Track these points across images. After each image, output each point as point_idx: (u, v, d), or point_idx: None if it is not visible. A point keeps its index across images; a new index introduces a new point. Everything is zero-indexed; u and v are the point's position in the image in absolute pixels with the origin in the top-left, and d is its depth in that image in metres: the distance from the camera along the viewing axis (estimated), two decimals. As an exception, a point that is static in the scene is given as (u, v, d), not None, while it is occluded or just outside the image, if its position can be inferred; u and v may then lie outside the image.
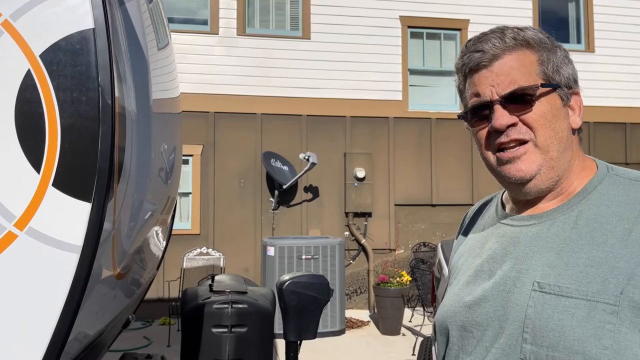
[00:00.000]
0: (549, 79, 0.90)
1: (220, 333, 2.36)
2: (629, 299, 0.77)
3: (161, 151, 1.97)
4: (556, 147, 0.89)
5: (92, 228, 1.15)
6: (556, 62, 0.92)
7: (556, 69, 0.91)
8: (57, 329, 1.14)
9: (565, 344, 0.79)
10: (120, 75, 1.33)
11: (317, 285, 2.13)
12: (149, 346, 5.74)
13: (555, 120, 0.89)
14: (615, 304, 0.78)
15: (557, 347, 0.79)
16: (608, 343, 0.77)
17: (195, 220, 7.55)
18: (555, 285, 0.83)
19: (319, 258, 6.07)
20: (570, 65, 0.94)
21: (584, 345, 0.77)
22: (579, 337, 0.78)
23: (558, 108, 0.90)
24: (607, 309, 0.78)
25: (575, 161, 0.92)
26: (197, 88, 7.44)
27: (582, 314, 0.79)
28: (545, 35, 0.94)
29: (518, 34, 0.91)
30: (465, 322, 0.93)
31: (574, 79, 0.93)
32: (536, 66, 0.90)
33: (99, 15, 1.17)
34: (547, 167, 0.89)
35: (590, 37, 8.87)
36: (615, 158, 8.81)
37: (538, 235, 0.89)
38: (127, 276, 1.74)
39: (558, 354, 0.79)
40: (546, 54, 0.92)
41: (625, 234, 0.82)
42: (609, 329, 0.77)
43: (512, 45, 0.90)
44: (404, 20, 8.34)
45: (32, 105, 1.14)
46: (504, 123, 0.88)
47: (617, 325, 0.77)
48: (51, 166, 1.13)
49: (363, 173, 7.74)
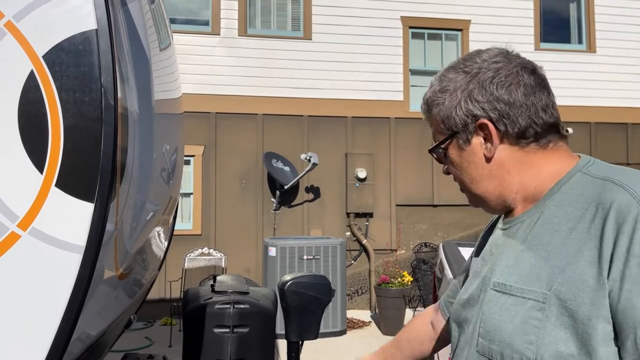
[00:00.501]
0: (447, 130, 0.98)
1: (222, 333, 2.36)
2: (556, 297, 0.79)
3: (163, 152, 1.97)
4: (474, 187, 0.97)
5: (95, 228, 1.15)
6: (443, 112, 0.97)
7: (447, 116, 0.97)
8: (60, 329, 1.14)
9: (501, 337, 0.85)
10: (123, 75, 1.33)
11: (318, 286, 2.12)
12: (150, 346, 5.74)
13: (462, 167, 0.98)
14: (543, 301, 0.81)
15: (495, 341, 0.86)
16: (532, 339, 0.80)
17: (196, 220, 7.55)
18: (503, 284, 0.89)
19: (320, 258, 6.07)
20: (459, 106, 0.96)
21: (513, 340, 0.83)
22: (510, 332, 0.83)
23: (460, 154, 0.97)
24: (535, 305, 0.81)
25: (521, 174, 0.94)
26: (199, 89, 7.45)
27: (515, 310, 0.84)
28: (437, 88, 0.99)
29: (425, 102, 1.03)
30: (460, 319, 1.00)
31: (472, 113, 0.94)
32: (436, 124, 1.00)
33: (102, 16, 1.18)
34: (479, 201, 0.99)
35: (592, 38, 8.86)
36: (616, 158, 8.79)
37: (509, 237, 0.95)
38: (129, 276, 1.74)
39: (495, 347, 0.86)
40: (438, 108, 0.99)
41: (568, 233, 0.83)
42: (535, 324, 0.81)
43: (427, 113, 1.03)
44: (405, 21, 8.34)
45: (35, 105, 1.14)
46: (443, 171, 1.04)
47: (543, 321, 0.80)
48: (54, 167, 1.14)
49: (364, 173, 7.73)
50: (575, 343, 0.77)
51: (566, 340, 0.78)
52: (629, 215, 0.76)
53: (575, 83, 8.65)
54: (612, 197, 0.80)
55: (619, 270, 0.75)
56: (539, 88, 0.96)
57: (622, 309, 0.74)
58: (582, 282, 0.78)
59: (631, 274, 0.74)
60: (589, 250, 0.79)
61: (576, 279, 0.79)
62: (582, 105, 8.66)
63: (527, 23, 8.68)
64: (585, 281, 0.78)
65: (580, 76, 8.68)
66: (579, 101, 8.65)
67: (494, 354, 0.86)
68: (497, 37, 8.48)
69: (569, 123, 8.65)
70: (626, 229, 0.76)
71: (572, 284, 0.79)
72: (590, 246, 0.79)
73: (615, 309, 0.75)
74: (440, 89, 0.99)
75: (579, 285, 0.78)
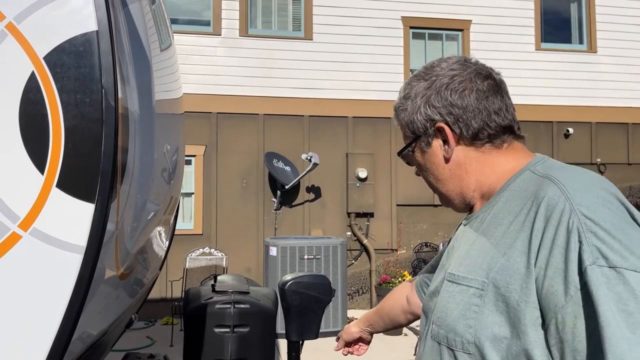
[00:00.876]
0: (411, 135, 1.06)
1: (222, 333, 2.37)
2: (493, 284, 0.87)
3: (164, 152, 1.98)
4: (439, 186, 1.07)
5: (96, 229, 1.15)
6: (406, 117, 1.06)
7: (409, 122, 1.06)
8: (61, 329, 1.15)
9: (447, 322, 0.94)
10: (124, 76, 1.34)
11: (319, 286, 2.13)
12: (151, 346, 5.75)
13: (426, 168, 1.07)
14: (482, 289, 0.88)
15: (442, 326, 0.95)
16: (472, 322, 0.88)
17: (197, 220, 7.56)
18: (453, 274, 0.97)
19: (321, 258, 6.08)
20: (418, 111, 1.03)
21: (456, 324, 0.91)
22: (454, 317, 0.92)
23: (424, 157, 1.06)
24: (475, 292, 0.89)
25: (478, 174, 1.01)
26: (200, 89, 7.46)
27: (460, 297, 0.92)
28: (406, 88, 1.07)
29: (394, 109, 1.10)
30: (426, 309, 1.08)
31: (430, 118, 1.02)
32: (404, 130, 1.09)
33: (102, 17, 1.18)
34: (445, 200, 1.09)
35: (592, 38, 8.85)
36: (617, 158, 8.79)
37: (465, 232, 1.03)
38: (130, 276, 1.75)
39: (442, 332, 0.94)
40: (402, 115, 1.07)
41: (508, 226, 0.90)
42: (474, 310, 0.88)
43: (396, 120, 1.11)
44: (406, 21, 8.34)
45: (36, 106, 1.15)
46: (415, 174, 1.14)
47: (481, 307, 0.88)
48: (55, 167, 1.14)
49: (365, 173, 7.74)
50: (509, 326, 0.84)
51: (501, 323, 0.85)
52: (556, 209, 0.82)
53: (575, 83, 8.65)
54: (545, 192, 0.86)
55: (544, 259, 0.81)
56: (492, 93, 1.01)
57: (546, 294, 0.80)
58: (514, 270, 0.84)
59: (554, 262, 0.80)
60: (521, 241, 0.86)
61: (509, 267, 0.85)
62: (583, 105, 8.66)
63: (528, 23, 8.68)
64: (517, 269, 0.84)
65: (581, 76, 8.68)
66: (579, 101, 8.64)
67: (442, 338, 0.95)
68: (497, 37, 8.48)
69: (569, 123, 8.64)
70: (553, 222, 0.81)
71: (506, 272, 0.85)
72: (522, 237, 0.86)
73: (540, 294, 0.81)
74: (404, 96, 1.07)
75: (512, 273, 0.85)
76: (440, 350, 0.95)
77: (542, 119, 8.55)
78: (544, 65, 8.58)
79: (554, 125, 8.63)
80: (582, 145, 8.71)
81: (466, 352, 0.89)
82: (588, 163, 8.72)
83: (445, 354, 0.94)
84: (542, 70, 8.54)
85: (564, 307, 0.78)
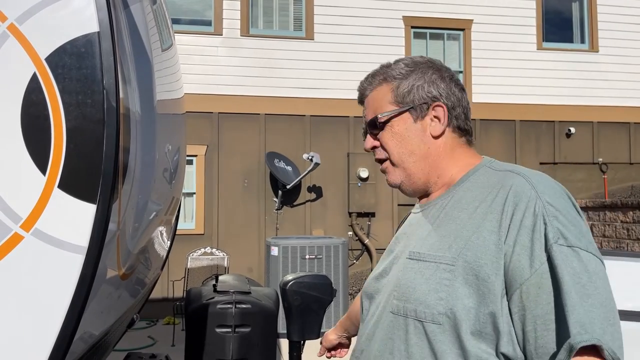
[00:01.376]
0: (399, 104, 1.11)
1: (224, 333, 2.37)
2: (463, 260, 0.95)
3: (165, 152, 1.98)
4: (409, 159, 1.11)
5: (97, 229, 1.16)
6: (405, 87, 1.11)
7: (406, 93, 1.11)
8: (63, 329, 1.15)
9: (414, 296, 0.99)
10: (125, 77, 1.34)
11: (320, 285, 2.13)
12: (153, 346, 5.76)
13: (405, 138, 1.11)
14: (452, 264, 0.96)
15: (409, 300, 1.00)
16: (444, 295, 0.95)
17: (199, 220, 7.57)
18: (417, 253, 1.04)
19: (322, 258, 6.08)
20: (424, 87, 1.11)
21: (426, 297, 0.97)
22: (424, 291, 0.98)
23: (408, 125, 1.11)
24: (446, 268, 0.97)
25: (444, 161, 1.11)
26: (201, 89, 7.46)
27: (429, 273, 0.99)
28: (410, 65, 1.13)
29: (382, 73, 1.14)
30: (372, 291, 1.15)
31: (432, 96, 1.11)
32: (389, 95, 1.12)
33: (104, 18, 1.18)
34: (405, 176, 1.12)
35: (594, 37, 8.84)
36: (619, 158, 8.78)
37: (422, 217, 1.11)
38: (131, 276, 1.75)
39: (410, 305, 1.00)
40: (399, 82, 1.12)
41: (473, 210, 1.00)
42: (446, 284, 0.96)
43: (375, 83, 1.14)
44: (407, 21, 8.33)
45: (37, 107, 1.15)
46: (368, 147, 1.16)
47: (452, 281, 0.95)
48: (57, 168, 1.15)
49: (366, 173, 7.74)
50: (476, 297, 0.93)
51: (469, 295, 0.94)
52: (523, 195, 0.95)
53: (577, 82, 8.64)
54: (512, 182, 0.99)
55: (512, 237, 0.92)
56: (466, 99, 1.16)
57: (513, 268, 0.91)
58: (484, 247, 0.94)
59: (522, 240, 0.92)
60: (489, 221, 0.96)
61: (479, 244, 0.95)
62: (585, 105, 8.65)
63: (530, 22, 8.67)
64: (487, 246, 0.94)
65: (582, 75, 8.67)
66: (581, 100, 8.63)
67: (408, 311, 1.00)
68: (499, 37, 8.48)
69: (571, 122, 8.64)
70: (521, 206, 0.94)
71: (477, 248, 0.95)
72: (491, 218, 0.96)
73: (507, 268, 0.92)
74: (406, 65, 1.13)
75: (482, 249, 0.94)
76: (406, 323, 1.00)
77: (543, 119, 8.55)
78: (546, 64, 8.58)
79: (556, 125, 8.62)
80: (584, 144, 8.70)
81: (436, 322, 0.96)
82: (590, 162, 8.71)
83: (410, 326, 0.99)
84: (544, 69, 8.53)
85: (528, 279, 0.90)
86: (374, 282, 1.16)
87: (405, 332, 1.00)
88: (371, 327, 1.10)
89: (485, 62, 8.37)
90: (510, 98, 8.37)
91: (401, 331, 1.01)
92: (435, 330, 0.95)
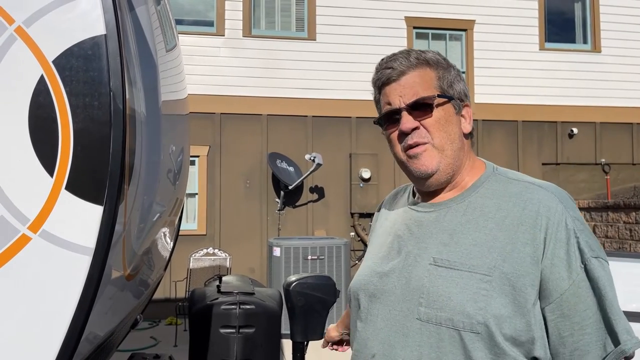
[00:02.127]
0: (444, 92, 1.10)
1: (228, 334, 2.38)
2: (500, 271, 0.98)
3: (170, 153, 1.99)
4: (450, 147, 1.09)
5: (104, 230, 1.16)
6: (450, 78, 1.11)
7: (450, 84, 1.11)
8: (70, 330, 1.16)
9: (450, 305, 0.99)
10: (131, 79, 1.35)
11: (323, 286, 2.13)
12: (155, 346, 5.77)
13: (449, 125, 1.09)
14: (489, 275, 0.98)
15: (444, 309, 0.99)
16: (482, 305, 0.97)
17: (201, 220, 7.57)
18: (446, 260, 1.02)
19: (324, 259, 6.08)
20: (462, 82, 1.14)
21: (464, 307, 0.97)
22: (461, 301, 0.98)
23: (451, 115, 1.10)
24: (482, 278, 0.98)
25: (467, 161, 1.12)
26: (203, 89, 7.47)
27: (463, 282, 0.99)
28: (442, 57, 1.15)
29: (420, 55, 1.12)
30: (375, 290, 1.12)
31: (465, 93, 1.13)
32: (434, 81, 1.10)
33: (110, 20, 1.19)
34: (445, 164, 1.09)
35: (597, 37, 8.83)
36: (621, 158, 8.76)
37: (437, 219, 1.09)
38: (136, 277, 1.76)
39: (444, 314, 0.99)
40: (442, 71, 1.11)
41: (501, 220, 1.02)
42: (483, 294, 0.97)
43: (415, 64, 1.10)
44: (410, 21, 8.33)
45: (45, 110, 1.16)
46: (409, 127, 1.09)
47: (489, 291, 0.97)
48: (64, 170, 1.15)
49: (368, 174, 7.74)
50: (512, 306, 0.96)
51: (506, 304, 0.96)
52: (553, 209, 1.00)
53: (580, 83, 8.63)
54: (538, 195, 1.02)
55: (550, 251, 0.97)
56: None
57: (552, 279, 0.97)
58: (520, 259, 0.98)
59: (559, 253, 0.97)
60: (522, 233, 0.99)
61: (515, 257, 0.98)
62: (587, 105, 8.64)
63: (532, 23, 8.66)
64: (524, 258, 0.98)
65: (585, 76, 8.65)
66: (583, 101, 8.62)
67: (443, 320, 0.99)
68: (501, 37, 8.47)
69: (573, 123, 8.63)
70: (554, 220, 0.99)
71: (513, 260, 0.98)
72: (523, 230, 0.99)
73: (548, 279, 0.97)
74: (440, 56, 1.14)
75: (519, 261, 0.98)
76: (438, 332, 1.00)
77: (546, 119, 8.54)
78: (548, 65, 8.57)
79: (558, 126, 8.61)
80: (587, 145, 8.69)
81: (474, 332, 0.97)
82: (592, 163, 8.70)
83: (444, 335, 0.99)
84: (546, 70, 8.53)
85: (567, 290, 0.96)
86: (376, 280, 1.12)
87: (439, 340, 0.99)
88: (387, 332, 1.07)
89: (488, 63, 8.36)
90: (513, 99, 8.37)
91: (432, 339, 1.00)
92: (473, 339, 0.97)
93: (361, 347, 1.13)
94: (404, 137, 1.10)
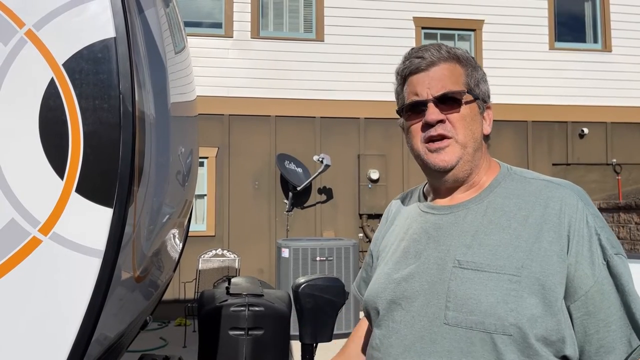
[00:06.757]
0: (471, 90, 1.09)
1: (237, 335, 2.38)
2: (528, 270, 0.97)
3: (179, 154, 1.99)
4: (472, 145, 1.08)
5: (114, 233, 1.17)
6: (477, 77, 1.11)
7: (477, 83, 1.11)
8: (80, 332, 1.16)
9: (480, 308, 0.96)
10: (140, 81, 1.35)
11: (333, 288, 2.12)
12: (165, 347, 5.79)
13: (473, 123, 1.08)
14: (517, 275, 0.97)
15: (474, 312, 0.97)
16: (513, 306, 0.95)
17: (210, 222, 7.60)
18: (472, 262, 1.00)
19: (333, 260, 6.07)
20: (486, 83, 1.14)
21: (495, 309, 0.95)
22: (491, 303, 0.96)
23: (476, 114, 1.09)
24: (511, 279, 0.97)
25: (484, 161, 1.12)
26: (212, 91, 7.50)
27: (492, 284, 0.97)
28: (471, 56, 1.14)
29: (451, 50, 1.12)
30: (394, 296, 1.08)
31: (488, 95, 1.13)
32: (463, 77, 1.09)
33: (120, 23, 1.19)
34: (464, 160, 1.07)
35: (607, 37, 8.75)
36: (633, 159, 8.67)
37: (456, 221, 1.07)
38: (146, 279, 1.76)
39: (474, 317, 0.97)
40: (471, 69, 1.11)
41: (524, 219, 1.01)
42: (513, 295, 0.96)
43: (446, 57, 1.10)
44: (418, 22, 8.31)
45: (55, 112, 1.16)
46: (435, 118, 1.06)
47: (519, 291, 0.96)
48: (74, 172, 1.16)
49: (377, 174, 7.72)
50: (543, 306, 0.95)
51: (536, 304, 0.95)
52: (575, 208, 1.00)
53: (590, 83, 8.56)
54: (559, 194, 1.02)
55: (574, 248, 0.98)
56: None
57: (577, 276, 0.97)
58: (547, 257, 0.97)
59: (583, 251, 0.97)
60: (547, 232, 0.99)
61: (542, 255, 0.97)
62: (598, 105, 8.56)
63: (542, 22, 8.60)
64: (550, 257, 0.97)
65: (595, 75, 8.58)
66: (594, 101, 8.55)
67: (474, 323, 0.97)
68: (510, 37, 8.42)
69: (584, 123, 8.55)
70: (576, 218, 0.99)
71: (541, 259, 0.97)
72: (547, 228, 0.99)
73: (573, 277, 0.97)
74: (473, 58, 1.14)
75: (546, 260, 0.97)
76: (469, 336, 0.97)
77: (556, 119, 8.47)
78: (558, 64, 8.50)
79: (569, 126, 8.54)
80: (597, 145, 8.62)
81: (507, 334, 0.95)
82: (603, 163, 8.62)
83: (475, 338, 0.96)
84: (556, 70, 8.46)
85: (592, 286, 0.96)
86: (394, 287, 1.08)
87: (469, 345, 0.97)
88: (412, 339, 1.02)
89: (497, 63, 8.32)
90: (522, 99, 8.31)
91: (463, 344, 0.97)
92: (506, 341, 0.95)
93: (383, 356, 1.07)
94: (426, 128, 1.08)
